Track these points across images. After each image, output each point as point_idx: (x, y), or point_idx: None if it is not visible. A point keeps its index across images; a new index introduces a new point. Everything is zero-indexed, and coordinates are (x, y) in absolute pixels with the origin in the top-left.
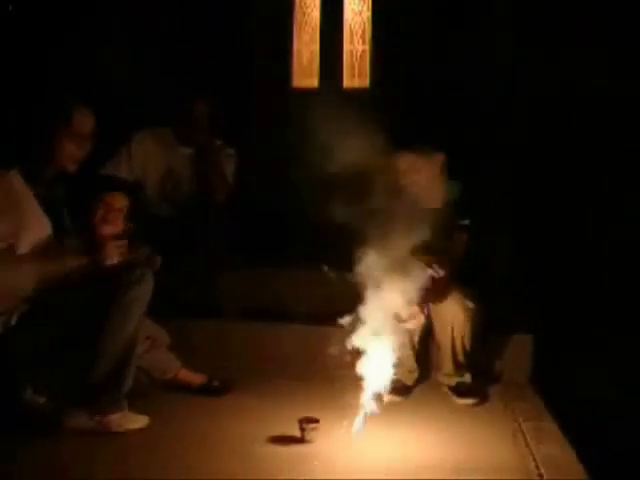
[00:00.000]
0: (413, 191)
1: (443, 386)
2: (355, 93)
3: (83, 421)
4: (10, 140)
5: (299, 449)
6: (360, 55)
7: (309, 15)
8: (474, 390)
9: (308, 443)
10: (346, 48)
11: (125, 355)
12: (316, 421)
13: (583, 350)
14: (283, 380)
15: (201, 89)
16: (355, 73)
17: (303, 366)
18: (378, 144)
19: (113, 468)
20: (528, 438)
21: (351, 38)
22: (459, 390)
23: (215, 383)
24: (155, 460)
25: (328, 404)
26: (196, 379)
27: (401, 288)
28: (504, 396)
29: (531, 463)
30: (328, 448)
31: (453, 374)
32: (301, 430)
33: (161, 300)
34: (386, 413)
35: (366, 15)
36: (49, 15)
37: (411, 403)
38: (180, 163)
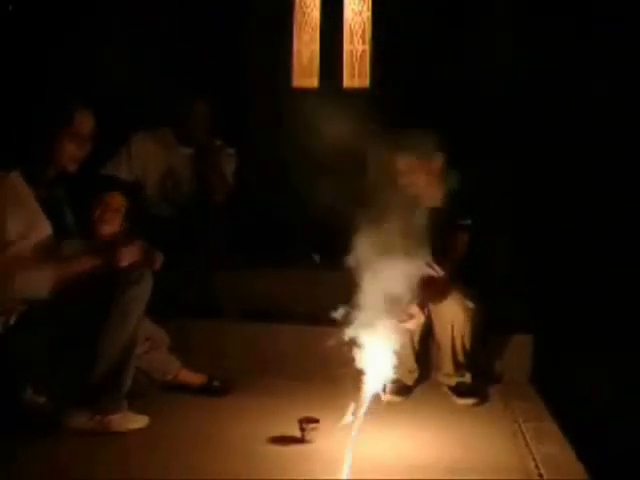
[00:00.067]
0: (412, 191)
1: (443, 386)
2: (355, 93)
3: (83, 421)
4: (10, 141)
5: (299, 449)
6: (360, 55)
7: (309, 15)
8: (474, 390)
9: (308, 443)
10: (346, 48)
11: (125, 355)
12: (316, 421)
13: (583, 350)
14: (283, 380)
15: (201, 89)
16: (355, 73)
17: (303, 366)
18: (378, 144)
19: (113, 468)
20: (528, 438)
21: (351, 38)
22: (459, 390)
23: (215, 383)
24: (155, 460)
25: (328, 404)
26: (196, 379)
27: (400, 287)
28: (504, 396)
29: (531, 463)
30: (328, 448)
31: (453, 374)
32: (301, 430)
33: (161, 300)
34: (386, 413)
35: (366, 15)
36: (49, 15)
37: (411, 403)
38: (180, 163)
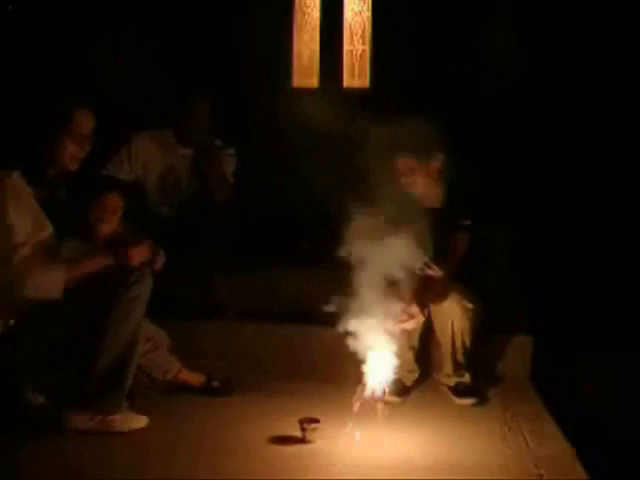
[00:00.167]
0: (412, 191)
1: (443, 386)
2: (355, 93)
3: (84, 421)
4: (11, 141)
5: (300, 449)
6: (360, 55)
7: (309, 15)
8: (473, 390)
9: (309, 443)
10: (346, 48)
11: (126, 354)
12: (317, 421)
13: (583, 350)
14: (283, 380)
15: (201, 89)
16: (355, 73)
17: (303, 366)
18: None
19: (114, 468)
20: (528, 438)
21: (351, 38)
22: (458, 390)
23: (215, 384)
24: (156, 460)
25: (329, 404)
26: (196, 380)
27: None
28: (504, 396)
29: (531, 463)
30: (329, 448)
31: (453, 374)
32: (302, 430)
33: (162, 301)
34: (385, 413)
35: (366, 15)
36: (49, 15)
37: (411, 403)
38: (180, 163)
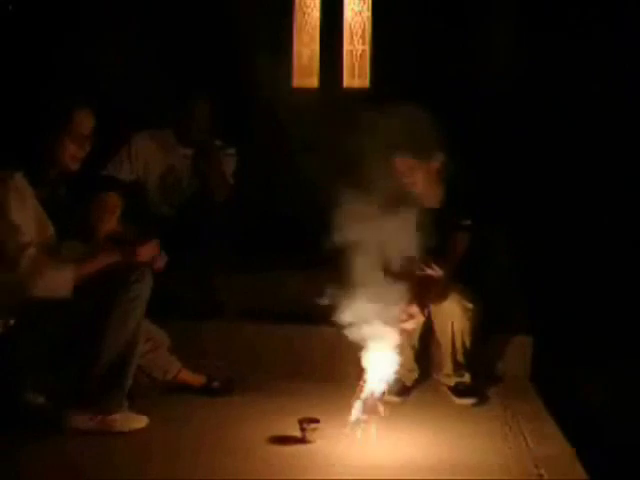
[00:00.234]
0: (411, 191)
1: (443, 386)
2: (355, 93)
3: (84, 421)
4: (11, 142)
5: (300, 449)
6: (360, 55)
7: (309, 15)
8: (473, 390)
9: (309, 443)
10: (346, 48)
11: (126, 354)
12: (317, 421)
13: (583, 350)
14: (283, 380)
15: (201, 89)
16: (355, 73)
17: (304, 366)
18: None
19: (114, 468)
20: (528, 438)
21: (351, 38)
22: (458, 390)
23: (216, 384)
24: (156, 460)
25: (329, 404)
26: (197, 380)
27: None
28: (504, 396)
29: (531, 463)
30: (328, 448)
31: (453, 374)
32: (302, 430)
33: (162, 301)
34: (385, 413)
35: (366, 15)
36: (49, 15)
37: (411, 403)
38: (180, 163)
